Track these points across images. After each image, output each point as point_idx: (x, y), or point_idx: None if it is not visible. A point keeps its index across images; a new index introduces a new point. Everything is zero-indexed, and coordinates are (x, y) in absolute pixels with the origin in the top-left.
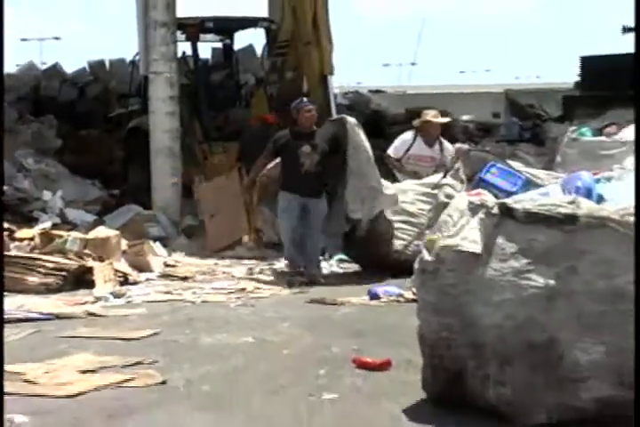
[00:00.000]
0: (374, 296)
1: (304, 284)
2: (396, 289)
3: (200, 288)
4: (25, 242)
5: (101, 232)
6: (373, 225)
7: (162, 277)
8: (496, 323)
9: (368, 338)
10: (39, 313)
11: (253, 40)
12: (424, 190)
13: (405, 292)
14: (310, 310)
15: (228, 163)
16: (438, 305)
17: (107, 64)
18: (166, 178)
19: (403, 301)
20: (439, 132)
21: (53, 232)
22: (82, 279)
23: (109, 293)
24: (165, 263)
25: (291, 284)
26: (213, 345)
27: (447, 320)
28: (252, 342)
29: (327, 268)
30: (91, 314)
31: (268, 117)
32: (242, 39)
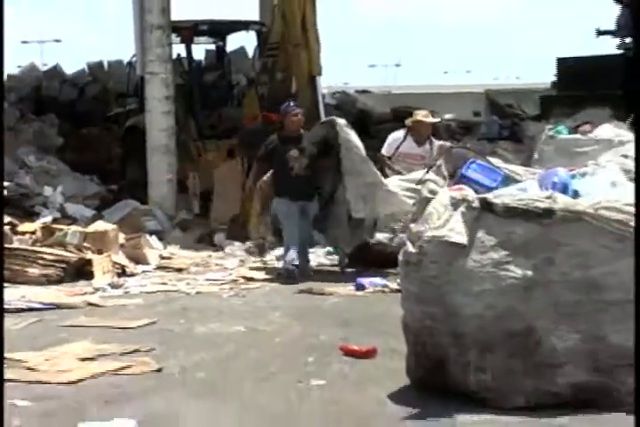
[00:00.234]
0: (360, 287)
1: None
2: (382, 280)
3: (194, 279)
4: (27, 235)
5: (100, 226)
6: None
7: (158, 268)
8: (476, 312)
9: (355, 327)
10: (40, 303)
11: (245, 42)
12: (408, 186)
13: (390, 283)
14: (299, 301)
15: (221, 159)
16: (421, 295)
17: (105, 65)
18: (162, 174)
19: (388, 291)
20: (430, 131)
21: (54, 226)
22: (81, 271)
23: (108, 284)
24: (161, 256)
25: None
26: (207, 334)
27: (430, 310)
28: (244, 331)
29: (314, 259)
30: (90, 304)
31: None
32: (234, 41)
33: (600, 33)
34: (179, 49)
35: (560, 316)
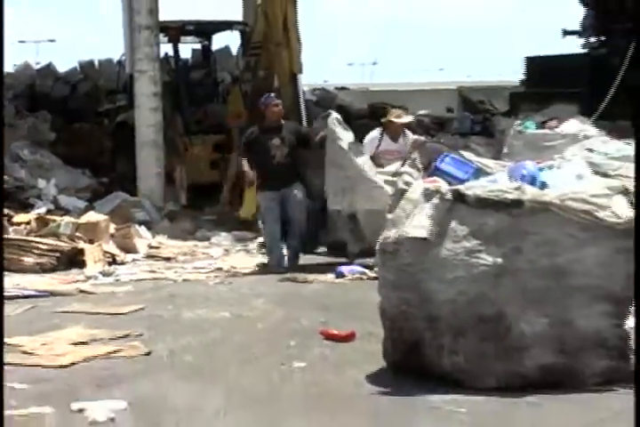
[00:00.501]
0: (340, 275)
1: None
2: (360, 268)
3: (181, 268)
4: (22, 226)
5: (91, 217)
6: None
7: (147, 257)
8: (450, 298)
9: (334, 312)
10: (35, 291)
11: (229, 41)
12: (384, 178)
13: (368, 270)
14: (282, 287)
15: (207, 154)
16: (397, 282)
17: (96, 64)
18: (151, 167)
19: (366, 278)
20: (402, 128)
21: (48, 217)
22: (74, 260)
23: (99, 272)
24: (150, 245)
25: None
26: (194, 319)
27: (405, 296)
28: (229, 317)
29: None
30: (82, 291)
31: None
32: (219, 41)
33: (566, 33)
34: (166, 48)
35: (528, 301)
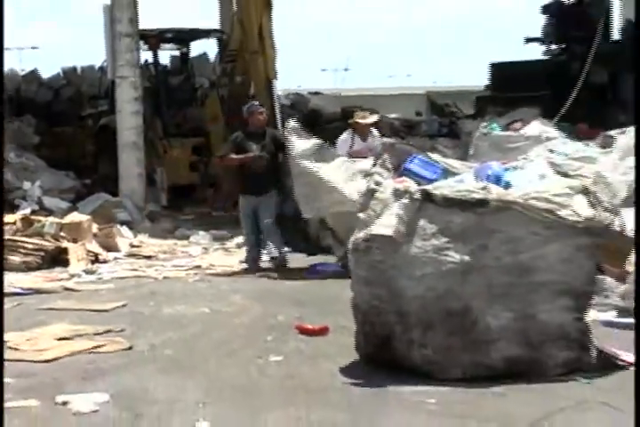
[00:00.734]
0: (315, 272)
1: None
2: (335, 266)
3: (162, 266)
4: (8, 226)
5: (75, 217)
6: None
7: (128, 256)
8: (419, 294)
9: (309, 308)
10: (21, 288)
11: (207, 48)
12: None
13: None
14: (259, 284)
15: (186, 156)
16: (369, 278)
17: (78, 70)
18: (132, 169)
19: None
20: (369, 127)
21: (33, 217)
22: (58, 258)
23: (82, 270)
24: (131, 244)
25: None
26: (174, 315)
27: (377, 291)
28: (208, 312)
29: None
30: (66, 289)
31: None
32: (197, 48)
33: (528, 40)
34: (146, 55)
35: (494, 297)
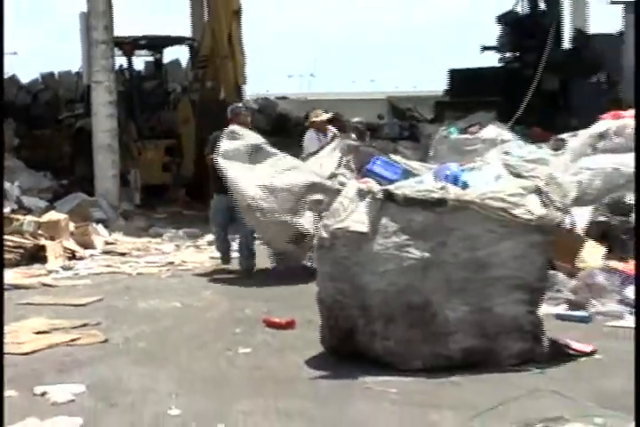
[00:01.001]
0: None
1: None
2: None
3: (136, 262)
4: None
5: (52, 216)
6: None
7: (103, 253)
8: (381, 288)
9: (276, 302)
10: None
11: (179, 55)
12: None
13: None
14: (228, 280)
15: (160, 157)
16: (333, 274)
17: (56, 75)
18: (107, 170)
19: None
20: (325, 124)
21: (12, 216)
22: (36, 255)
23: (60, 266)
24: (106, 242)
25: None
26: (147, 309)
27: (341, 286)
28: (180, 307)
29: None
30: (44, 284)
31: None
32: (169, 54)
33: (484, 49)
34: (121, 61)
35: (452, 291)
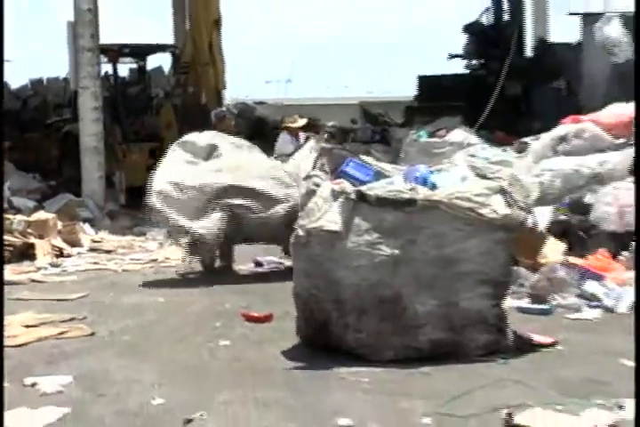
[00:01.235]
0: (259, 264)
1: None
2: (276, 258)
3: (121, 259)
4: None
5: (41, 215)
6: None
7: (90, 250)
8: (354, 283)
9: (254, 297)
10: None
11: (162, 62)
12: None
13: (284, 260)
14: (209, 276)
15: (143, 160)
16: (308, 270)
17: (44, 81)
18: (93, 172)
19: (282, 268)
20: (299, 130)
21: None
22: (26, 253)
23: (48, 263)
24: (93, 240)
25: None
26: (131, 304)
27: (315, 282)
28: (163, 302)
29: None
30: (33, 281)
31: None
32: (153, 61)
33: (452, 56)
34: (106, 67)
35: (421, 286)
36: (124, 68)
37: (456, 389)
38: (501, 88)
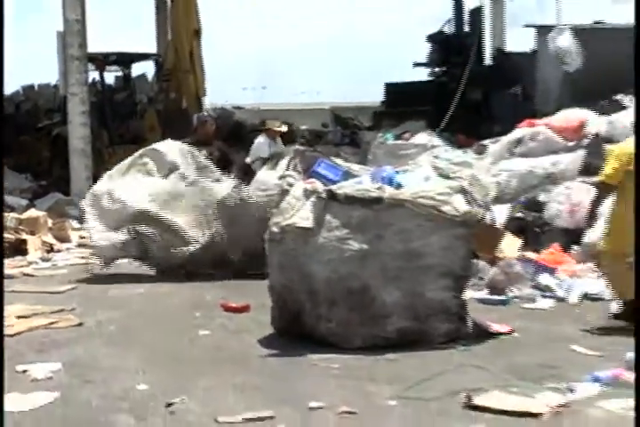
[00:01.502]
0: None
1: None
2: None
3: None
4: None
5: (33, 213)
6: None
7: (78, 246)
8: (325, 276)
9: (233, 290)
10: None
11: (146, 69)
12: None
13: None
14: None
15: None
16: (283, 264)
17: (36, 87)
18: (81, 172)
19: None
20: (279, 134)
21: None
22: (18, 248)
23: (39, 258)
24: (81, 236)
25: None
26: (117, 296)
27: (289, 275)
28: (146, 294)
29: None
30: (25, 274)
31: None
32: (137, 69)
33: (416, 64)
34: (94, 75)
35: (388, 278)
36: (111, 76)
37: (420, 374)
38: (462, 94)
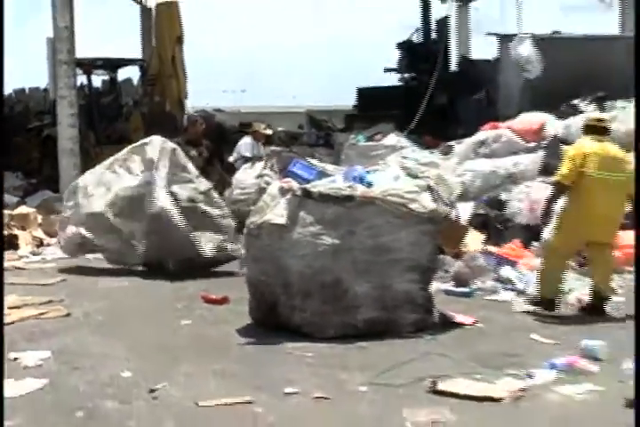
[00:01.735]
0: None
1: None
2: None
3: None
4: None
5: (23, 209)
6: None
7: None
8: (300, 269)
9: (213, 283)
10: None
11: (131, 74)
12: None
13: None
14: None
15: None
16: (259, 258)
17: (26, 90)
18: (70, 171)
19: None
20: (264, 136)
21: None
22: (9, 243)
23: (30, 252)
24: None
25: None
26: (104, 288)
27: (265, 268)
28: (131, 286)
29: None
30: (16, 268)
31: None
32: (123, 73)
33: (387, 70)
34: (82, 79)
35: (359, 271)
36: (98, 80)
37: (389, 361)
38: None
